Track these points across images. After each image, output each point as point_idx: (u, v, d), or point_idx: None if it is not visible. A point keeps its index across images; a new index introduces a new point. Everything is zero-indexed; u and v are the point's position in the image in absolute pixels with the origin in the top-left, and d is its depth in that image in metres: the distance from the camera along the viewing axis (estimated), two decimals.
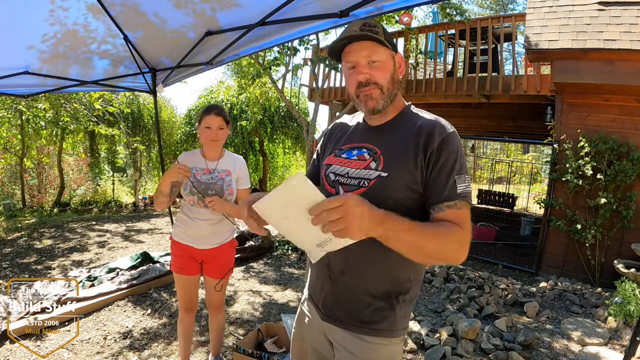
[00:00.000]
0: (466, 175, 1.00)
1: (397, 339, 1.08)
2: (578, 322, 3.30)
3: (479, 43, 6.02)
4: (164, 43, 2.42)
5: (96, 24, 2.17)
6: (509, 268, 5.32)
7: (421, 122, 1.04)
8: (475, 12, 20.63)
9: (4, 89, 3.08)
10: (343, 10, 1.64)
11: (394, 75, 1.06)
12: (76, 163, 10.32)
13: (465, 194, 0.98)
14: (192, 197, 1.98)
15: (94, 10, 2.02)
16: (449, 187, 0.97)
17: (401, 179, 1.00)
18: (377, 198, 0.96)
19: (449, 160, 0.97)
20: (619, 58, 4.21)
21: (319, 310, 1.15)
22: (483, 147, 17.53)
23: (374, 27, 1.01)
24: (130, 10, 2.03)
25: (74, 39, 2.32)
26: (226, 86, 11.17)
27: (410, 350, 2.72)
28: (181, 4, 1.92)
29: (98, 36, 2.33)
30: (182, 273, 2.06)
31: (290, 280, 4.29)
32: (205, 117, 1.94)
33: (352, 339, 1.07)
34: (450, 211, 0.97)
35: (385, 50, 1.03)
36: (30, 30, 2.16)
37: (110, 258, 4.70)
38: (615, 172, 4.32)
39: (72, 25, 2.14)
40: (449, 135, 0.99)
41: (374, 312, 1.05)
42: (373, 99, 1.04)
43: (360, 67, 1.03)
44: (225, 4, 1.91)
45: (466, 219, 0.97)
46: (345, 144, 1.14)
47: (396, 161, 1.01)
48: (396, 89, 1.07)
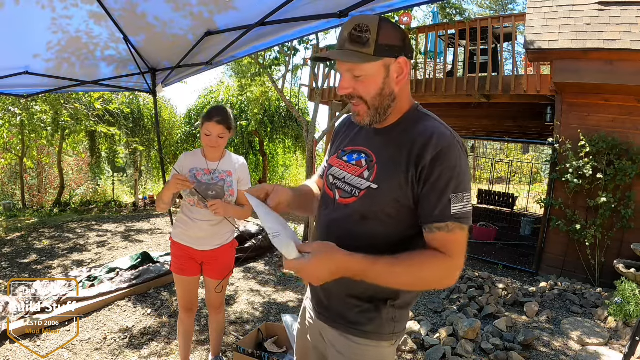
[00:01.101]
0: (465, 194, 0.90)
1: (386, 343, 1.05)
2: (578, 322, 3.30)
3: (479, 43, 6.02)
4: (164, 45, 2.43)
5: (99, 30, 2.20)
6: (509, 268, 5.32)
7: (419, 130, 0.95)
8: (475, 12, 20.63)
9: (4, 89, 3.08)
10: (342, 11, 1.64)
11: (386, 87, 0.95)
12: (76, 163, 10.33)
13: (460, 216, 0.89)
14: (192, 197, 1.98)
15: (95, 17, 2.04)
16: (441, 206, 0.89)
17: (391, 193, 0.94)
18: (367, 209, 0.98)
19: (443, 177, 0.89)
20: (619, 58, 4.21)
21: (314, 308, 1.15)
22: (483, 147, 17.53)
23: (364, 35, 0.90)
24: (130, 14, 2.04)
25: (77, 45, 2.35)
26: (226, 86, 11.18)
27: (410, 350, 2.72)
28: (179, 7, 1.93)
29: (101, 42, 2.37)
30: (182, 274, 2.05)
31: (291, 280, 4.29)
32: (206, 123, 1.89)
33: (341, 339, 1.06)
34: (439, 234, 0.90)
35: (373, 63, 0.92)
36: (34, 38, 2.19)
37: (110, 258, 4.70)
38: (615, 171, 4.32)
39: (75, 32, 2.17)
40: (445, 149, 0.90)
41: (360, 314, 1.03)
42: (359, 116, 0.99)
43: (342, 81, 0.97)
44: (222, 7, 1.91)
45: (456, 245, 0.90)
46: (349, 145, 1.11)
47: (387, 174, 0.96)
48: (388, 101, 0.97)
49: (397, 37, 0.94)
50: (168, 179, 1.93)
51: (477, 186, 13.53)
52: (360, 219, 0.99)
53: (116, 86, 3.18)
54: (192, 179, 1.96)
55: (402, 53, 0.95)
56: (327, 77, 7.30)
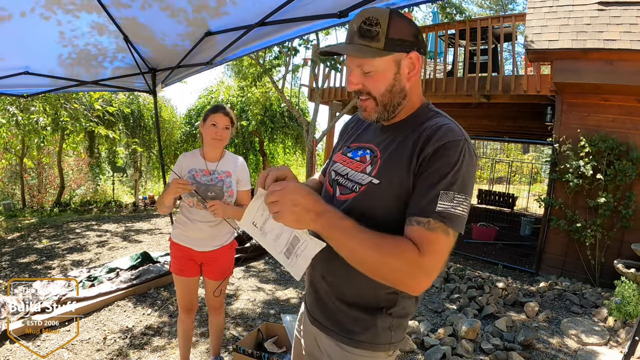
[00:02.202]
0: (458, 195, 0.81)
1: (382, 353, 0.98)
2: (578, 322, 3.30)
3: (479, 43, 6.02)
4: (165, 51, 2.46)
5: (106, 42, 2.23)
6: (509, 268, 5.32)
7: (427, 125, 0.91)
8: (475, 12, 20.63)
9: (4, 89, 3.08)
10: (343, 11, 1.64)
11: (397, 84, 0.91)
12: (76, 163, 10.33)
13: (445, 215, 0.80)
14: (191, 199, 1.97)
15: (98, 28, 2.07)
16: (428, 199, 0.81)
17: (392, 189, 0.89)
18: (367, 205, 0.93)
19: (439, 170, 0.82)
20: (619, 58, 4.21)
21: (309, 314, 1.11)
22: (483, 147, 17.51)
23: (374, 28, 0.86)
24: (130, 22, 2.06)
25: (87, 57, 2.43)
26: (226, 86, 11.18)
27: (410, 350, 2.72)
28: (175, 13, 1.95)
29: (108, 52, 2.43)
30: (181, 275, 2.05)
31: (290, 280, 4.29)
32: (212, 114, 1.96)
33: (334, 347, 1.01)
34: (417, 229, 0.81)
35: (383, 58, 0.88)
36: (46, 52, 2.25)
37: (110, 258, 4.70)
38: (615, 171, 4.32)
39: (83, 45, 2.22)
40: (449, 143, 0.84)
41: (354, 322, 0.97)
42: (366, 111, 0.95)
43: (351, 76, 0.93)
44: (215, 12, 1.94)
45: (433, 245, 0.79)
46: (355, 141, 1.07)
47: (390, 169, 0.91)
48: (399, 99, 0.93)
49: (409, 31, 0.89)
50: (168, 182, 1.93)
51: (477, 186, 13.52)
52: (359, 217, 0.88)
53: (116, 86, 3.18)
54: (191, 179, 1.96)
55: (413, 48, 0.90)
56: (327, 78, 7.31)
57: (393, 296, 0.96)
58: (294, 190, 0.81)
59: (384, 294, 0.96)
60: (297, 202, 0.80)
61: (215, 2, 1.86)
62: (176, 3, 1.89)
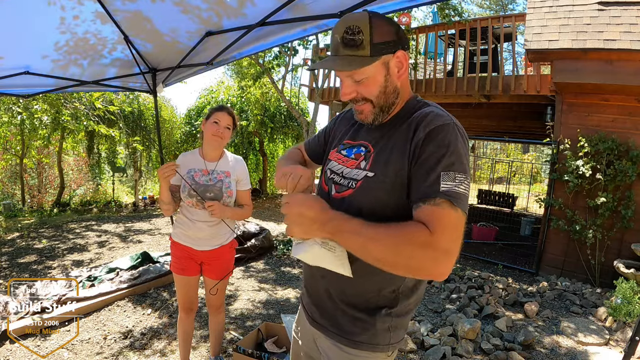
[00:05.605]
0: (458, 174, 0.81)
1: (382, 354, 0.99)
2: (578, 322, 3.30)
3: (479, 43, 6.02)
4: (165, 46, 2.44)
5: (107, 32, 2.20)
6: (509, 268, 5.32)
7: (417, 114, 0.93)
8: (475, 12, 20.64)
9: (4, 89, 3.08)
10: (343, 11, 1.64)
11: (389, 84, 0.93)
12: (76, 163, 10.30)
13: (451, 193, 0.79)
14: (190, 199, 1.98)
15: (102, 17, 2.04)
16: (429, 182, 0.81)
17: (387, 179, 0.89)
18: (364, 200, 0.93)
19: (435, 154, 0.83)
20: (619, 58, 4.21)
21: (308, 314, 1.11)
22: (483, 147, 17.52)
23: (357, 37, 0.87)
24: (133, 15, 2.04)
25: (85, 47, 2.36)
26: (226, 86, 11.19)
27: (410, 350, 2.72)
28: (188, 10, 1.93)
29: (108, 43, 2.38)
30: (181, 274, 2.05)
31: (290, 280, 4.29)
32: (216, 112, 1.98)
33: (334, 348, 1.01)
34: (424, 207, 0.80)
35: (371, 65, 0.89)
36: (42, 38, 2.20)
37: (110, 258, 4.70)
38: (615, 171, 4.32)
39: (82, 33, 2.18)
40: (439, 127, 0.85)
41: (353, 322, 0.98)
42: (363, 114, 0.97)
43: (343, 87, 0.94)
44: (231, 12, 1.92)
45: (443, 220, 0.77)
46: (349, 138, 1.07)
47: (383, 159, 0.92)
48: (393, 98, 0.96)
49: (390, 31, 0.90)
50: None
51: (477, 186, 13.53)
52: (358, 213, 0.89)
53: (117, 86, 3.18)
54: (190, 180, 1.96)
55: (398, 47, 0.91)
56: (327, 77, 7.31)
57: (394, 295, 0.96)
58: (300, 202, 0.86)
59: (386, 293, 0.96)
60: (303, 214, 0.84)
61: (237, 3, 1.84)
62: (192, 0, 1.86)
